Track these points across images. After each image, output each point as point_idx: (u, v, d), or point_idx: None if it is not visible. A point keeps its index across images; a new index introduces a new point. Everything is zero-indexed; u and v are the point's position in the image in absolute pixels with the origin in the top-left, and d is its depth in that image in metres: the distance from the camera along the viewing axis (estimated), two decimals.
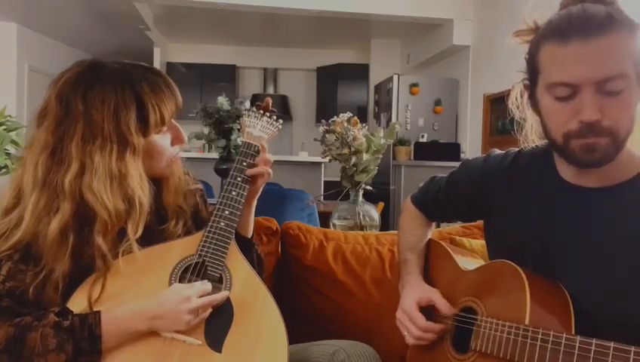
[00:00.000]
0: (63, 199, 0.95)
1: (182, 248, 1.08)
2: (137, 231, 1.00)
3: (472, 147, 5.34)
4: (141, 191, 1.00)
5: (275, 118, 1.25)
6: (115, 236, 1.00)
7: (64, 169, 0.96)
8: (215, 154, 3.25)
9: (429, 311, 1.11)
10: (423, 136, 5.50)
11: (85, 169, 0.96)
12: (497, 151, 1.13)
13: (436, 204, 1.23)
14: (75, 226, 0.97)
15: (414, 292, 1.13)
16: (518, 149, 1.07)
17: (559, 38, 0.83)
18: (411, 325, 1.09)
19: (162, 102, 1.02)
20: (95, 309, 0.96)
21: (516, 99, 1.01)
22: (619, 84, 0.80)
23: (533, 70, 0.90)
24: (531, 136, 1.02)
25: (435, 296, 1.10)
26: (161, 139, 1.06)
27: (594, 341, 0.76)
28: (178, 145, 1.11)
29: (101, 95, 0.97)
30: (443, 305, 1.08)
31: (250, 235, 1.23)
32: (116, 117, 0.97)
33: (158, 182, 1.10)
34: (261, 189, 1.20)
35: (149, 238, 1.07)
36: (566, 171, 0.95)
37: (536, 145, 1.03)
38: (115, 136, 0.97)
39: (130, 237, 0.99)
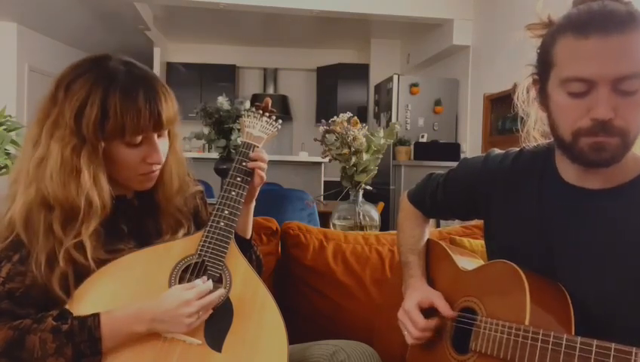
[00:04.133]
0: (29, 183, 0.97)
1: (181, 248, 1.07)
2: (88, 228, 0.99)
3: (472, 147, 5.33)
4: (94, 191, 0.98)
5: (274, 118, 1.24)
6: (103, 233, 1.00)
7: (35, 153, 0.98)
8: (215, 154, 3.25)
9: (430, 312, 1.10)
10: (423, 136, 5.50)
11: (48, 156, 0.97)
12: (497, 150, 1.12)
13: (433, 202, 1.23)
14: (42, 212, 0.97)
15: (416, 293, 1.13)
16: (518, 149, 1.06)
17: (579, 31, 0.82)
18: (411, 325, 1.09)
19: (128, 113, 0.97)
20: (95, 310, 0.95)
21: (522, 94, 1.00)
22: (635, 84, 0.79)
23: (545, 64, 0.88)
24: (533, 133, 1.01)
25: (436, 298, 1.10)
26: (128, 151, 1.02)
27: (595, 342, 0.76)
28: (151, 164, 1.05)
29: (78, 88, 0.98)
30: (443, 307, 1.08)
31: (249, 236, 1.23)
32: (79, 112, 0.97)
33: (153, 187, 1.10)
34: (258, 190, 1.20)
35: (149, 240, 1.07)
36: (567, 173, 0.95)
37: (536, 145, 1.02)
38: (75, 130, 0.97)
39: (82, 233, 0.98)
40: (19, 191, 0.98)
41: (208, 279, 1.04)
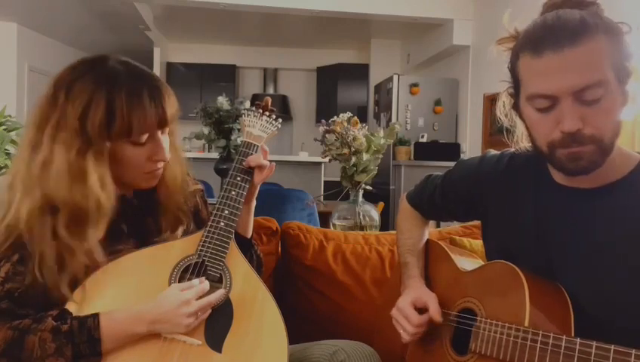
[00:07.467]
0: (32, 188, 0.96)
1: (181, 248, 1.07)
2: (98, 232, 0.99)
3: (472, 147, 5.33)
4: (101, 192, 0.98)
5: (274, 117, 1.24)
6: (105, 234, 1.00)
7: (37, 157, 0.97)
8: (215, 154, 3.25)
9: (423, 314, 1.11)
10: (423, 136, 5.50)
11: (52, 159, 0.96)
12: (493, 151, 1.13)
13: (432, 203, 1.23)
14: (47, 216, 0.96)
15: (412, 292, 1.14)
16: (513, 150, 1.07)
17: (533, 49, 0.82)
18: (405, 322, 1.09)
19: (134, 112, 0.98)
20: (95, 311, 0.95)
21: (503, 106, 1.01)
22: (597, 92, 0.79)
23: (514, 80, 0.90)
24: (522, 143, 1.01)
25: (430, 301, 1.10)
26: (134, 150, 1.02)
27: (594, 343, 0.76)
28: (156, 161, 1.06)
29: (79, 90, 0.97)
30: (434, 311, 1.08)
31: (249, 235, 1.23)
32: (84, 114, 0.96)
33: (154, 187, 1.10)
34: (258, 188, 1.20)
35: (149, 239, 1.07)
36: (558, 174, 0.95)
37: (528, 148, 1.02)
38: (79, 133, 0.96)
39: (91, 237, 0.98)
40: (17, 196, 0.97)
41: (207, 279, 1.03)
